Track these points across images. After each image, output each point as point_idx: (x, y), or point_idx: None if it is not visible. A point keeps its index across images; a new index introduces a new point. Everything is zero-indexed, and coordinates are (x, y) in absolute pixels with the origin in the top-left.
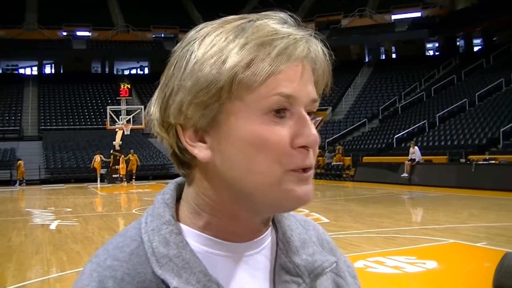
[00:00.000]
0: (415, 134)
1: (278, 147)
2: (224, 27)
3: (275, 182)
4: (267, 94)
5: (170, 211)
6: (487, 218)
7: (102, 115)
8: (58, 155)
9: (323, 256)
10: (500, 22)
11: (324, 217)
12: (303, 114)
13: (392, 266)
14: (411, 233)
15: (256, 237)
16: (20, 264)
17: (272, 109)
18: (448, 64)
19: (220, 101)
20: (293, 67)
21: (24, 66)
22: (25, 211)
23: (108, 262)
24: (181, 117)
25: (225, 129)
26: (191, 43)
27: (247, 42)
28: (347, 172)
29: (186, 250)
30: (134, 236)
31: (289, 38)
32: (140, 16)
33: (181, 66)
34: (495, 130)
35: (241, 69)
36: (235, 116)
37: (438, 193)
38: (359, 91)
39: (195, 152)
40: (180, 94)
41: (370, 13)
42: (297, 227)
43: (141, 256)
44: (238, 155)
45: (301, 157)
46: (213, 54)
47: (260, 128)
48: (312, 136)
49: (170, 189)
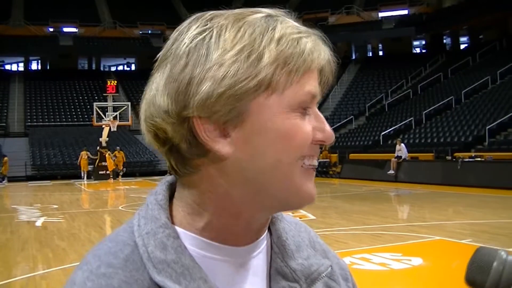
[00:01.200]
0: (402, 131)
1: (306, 141)
2: (245, 19)
3: (296, 174)
4: (299, 91)
5: (165, 213)
6: (472, 215)
7: (88, 112)
8: (44, 151)
9: (318, 260)
10: (486, 20)
11: (310, 214)
12: (318, 112)
13: (378, 263)
14: (397, 230)
15: (254, 240)
16: (6, 261)
17: (302, 106)
18: (435, 62)
19: (255, 94)
20: (317, 67)
21: (10, 62)
22: (11, 208)
23: (102, 270)
24: (204, 110)
25: (256, 122)
26: (206, 32)
27: (281, 37)
28: (334, 169)
29: (185, 255)
30: (126, 240)
31: (311, 37)
32: (127, 12)
33: (199, 56)
34: (481, 128)
35: (280, 67)
36: (268, 109)
37: (424, 190)
38: (346, 88)
39: (217, 147)
40: (205, 84)
41: (357, 11)
42: (290, 229)
43: (136, 262)
44: (269, 147)
45: (314, 152)
46: (244, 46)
47: (291, 122)
48: (330, 132)
49: (162, 189)
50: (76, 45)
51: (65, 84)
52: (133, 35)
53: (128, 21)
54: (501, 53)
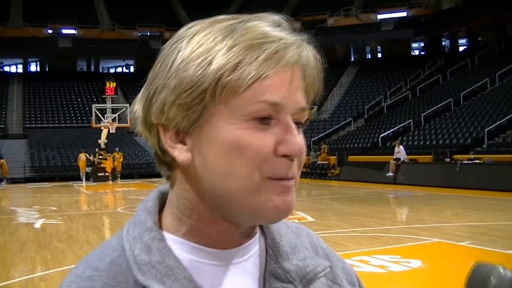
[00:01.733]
0: (400, 133)
1: (260, 154)
2: (214, 26)
3: (254, 189)
4: (252, 100)
5: (153, 218)
6: (471, 217)
7: (87, 114)
8: (43, 153)
9: (315, 261)
10: (485, 22)
11: (309, 216)
12: (289, 122)
13: (376, 265)
14: (396, 232)
15: (242, 243)
16: (4, 262)
17: (256, 116)
18: (434, 64)
19: (204, 103)
20: (281, 73)
21: (8, 64)
22: (9, 210)
23: (87, 273)
24: (163, 117)
25: (207, 132)
26: (179, 41)
27: (235, 44)
28: (332, 171)
29: (169, 256)
30: (115, 246)
31: (279, 42)
32: (126, 14)
33: (167, 65)
34: (480, 130)
35: (227, 72)
36: (218, 119)
37: (423, 192)
38: (344, 90)
39: (175, 154)
40: (163, 93)
41: (356, 13)
42: (287, 232)
43: (122, 265)
44: (218, 159)
45: (284, 166)
46: (199, 54)
47: (242, 133)
48: (297, 145)
49: (152, 197)
50: (75, 46)
51: (64, 85)
52: (131, 37)
53: (127, 23)
54: (500, 55)
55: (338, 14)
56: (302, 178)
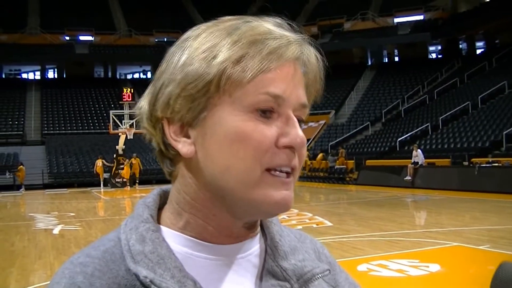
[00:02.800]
0: (418, 137)
1: (262, 145)
2: (219, 25)
3: (254, 182)
4: (255, 91)
5: (149, 211)
6: (490, 220)
7: (105, 120)
8: (61, 159)
9: (314, 263)
10: (502, 24)
11: (327, 221)
12: (291, 115)
13: (395, 270)
14: (414, 236)
15: (239, 241)
16: (23, 268)
17: (258, 108)
18: (451, 67)
19: (208, 95)
20: (284, 67)
21: (26, 71)
22: (28, 216)
23: (81, 259)
24: (168, 111)
25: (210, 124)
26: (185, 41)
27: (239, 39)
28: (350, 176)
29: (162, 246)
30: (111, 237)
31: (282, 39)
32: (143, 20)
33: (173, 61)
34: (498, 133)
35: (231, 64)
36: (221, 111)
37: (441, 196)
38: (361, 95)
39: (179, 147)
40: (169, 87)
41: (373, 16)
42: (288, 235)
43: (115, 254)
44: (220, 151)
45: (285, 157)
46: (205, 49)
47: (244, 125)
48: (298, 137)
49: (153, 194)
50: (92, 53)
51: (81, 92)
52: (148, 42)
53: (144, 29)
54: None
55: (355, 18)
56: (320, 182)
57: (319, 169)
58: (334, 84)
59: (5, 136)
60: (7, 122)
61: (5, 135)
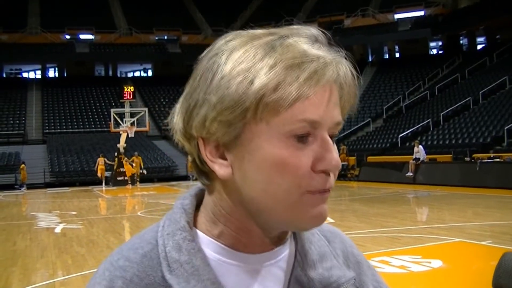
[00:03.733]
0: (419, 133)
1: (299, 172)
2: (253, 42)
3: (292, 204)
4: (292, 119)
5: (187, 217)
6: (492, 216)
7: (106, 118)
8: (62, 158)
9: (340, 271)
10: (503, 20)
11: (329, 217)
12: (326, 138)
13: (397, 266)
14: (416, 232)
15: (270, 249)
16: (25, 268)
17: (295, 134)
18: (452, 63)
19: (245, 120)
20: (320, 92)
21: (27, 70)
22: (30, 215)
23: (121, 263)
24: (203, 131)
25: (247, 149)
26: (218, 55)
27: (276, 63)
28: (352, 172)
29: (197, 257)
30: (150, 239)
31: (319, 61)
32: (143, 18)
33: (207, 78)
34: (500, 128)
35: (268, 92)
36: (258, 137)
37: (443, 191)
38: (362, 91)
39: (215, 169)
40: (204, 108)
41: (373, 13)
42: (318, 239)
43: (153, 259)
44: (257, 175)
45: (321, 181)
46: (240, 71)
47: (281, 152)
48: (334, 161)
49: (190, 195)
50: (93, 51)
51: (82, 91)
52: (149, 41)
53: (144, 27)
54: None
55: (355, 14)
56: None
57: None
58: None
59: (7, 135)
60: (8, 122)
61: (6, 135)
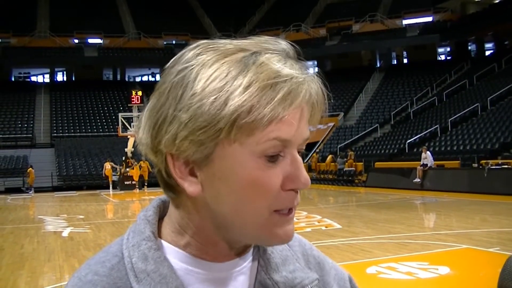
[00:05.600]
0: (427, 139)
1: (270, 193)
2: (225, 59)
3: (262, 223)
4: (265, 138)
5: (151, 228)
6: (500, 223)
7: (114, 122)
8: (70, 162)
9: (304, 273)
10: (511, 26)
11: (336, 223)
12: (296, 156)
13: (404, 272)
14: (424, 239)
15: (236, 257)
16: (33, 271)
17: (267, 154)
18: (460, 69)
19: (217, 140)
20: (293, 112)
21: (36, 74)
22: (37, 218)
23: (89, 277)
24: (173, 148)
25: (219, 168)
26: (188, 69)
27: (250, 84)
28: (359, 178)
29: (163, 265)
30: (115, 252)
31: (291, 81)
32: (151, 23)
33: (176, 95)
34: (508, 135)
35: (243, 114)
36: (230, 157)
37: (451, 198)
38: (370, 97)
39: (185, 186)
40: (174, 125)
41: (381, 18)
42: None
43: (121, 271)
44: (228, 195)
45: (290, 198)
46: (212, 90)
47: (254, 173)
48: (303, 179)
49: (153, 206)
50: (101, 56)
51: (90, 95)
52: (157, 45)
53: (152, 32)
54: None
55: (363, 20)
56: (329, 184)
57: (328, 172)
58: (343, 86)
59: (15, 139)
60: (16, 125)
61: (14, 138)
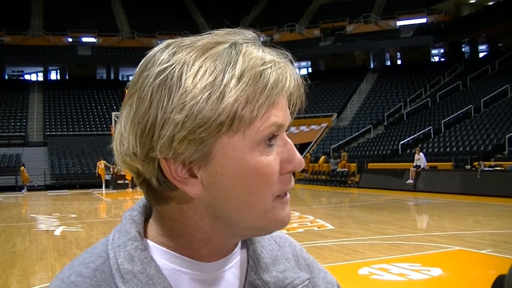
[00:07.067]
0: (420, 140)
1: (273, 178)
2: (207, 54)
3: (266, 211)
4: (264, 125)
5: (137, 228)
6: (492, 224)
7: (107, 121)
8: (63, 161)
9: (294, 273)
10: (505, 27)
11: (328, 224)
12: (287, 139)
13: (396, 273)
14: (416, 240)
15: (223, 256)
16: (24, 270)
17: (266, 139)
18: (454, 70)
19: (217, 136)
20: (283, 97)
21: (29, 72)
22: (29, 217)
23: (72, 278)
24: (169, 152)
25: (221, 164)
26: (168, 70)
27: (242, 74)
28: (352, 179)
29: (150, 266)
30: (100, 253)
31: (276, 66)
32: (145, 22)
33: (161, 98)
34: (501, 137)
35: (242, 105)
36: (233, 150)
37: (443, 199)
38: (364, 98)
39: (187, 188)
40: (168, 128)
41: (375, 19)
42: (269, 243)
43: (105, 272)
44: (234, 188)
45: (287, 181)
46: (204, 86)
47: (256, 161)
48: (299, 161)
49: (139, 206)
50: (95, 54)
51: (84, 93)
52: (151, 44)
53: (146, 31)
54: None
55: (357, 21)
56: (322, 185)
57: (321, 172)
58: (337, 87)
59: (8, 137)
60: (9, 123)
61: (7, 136)
